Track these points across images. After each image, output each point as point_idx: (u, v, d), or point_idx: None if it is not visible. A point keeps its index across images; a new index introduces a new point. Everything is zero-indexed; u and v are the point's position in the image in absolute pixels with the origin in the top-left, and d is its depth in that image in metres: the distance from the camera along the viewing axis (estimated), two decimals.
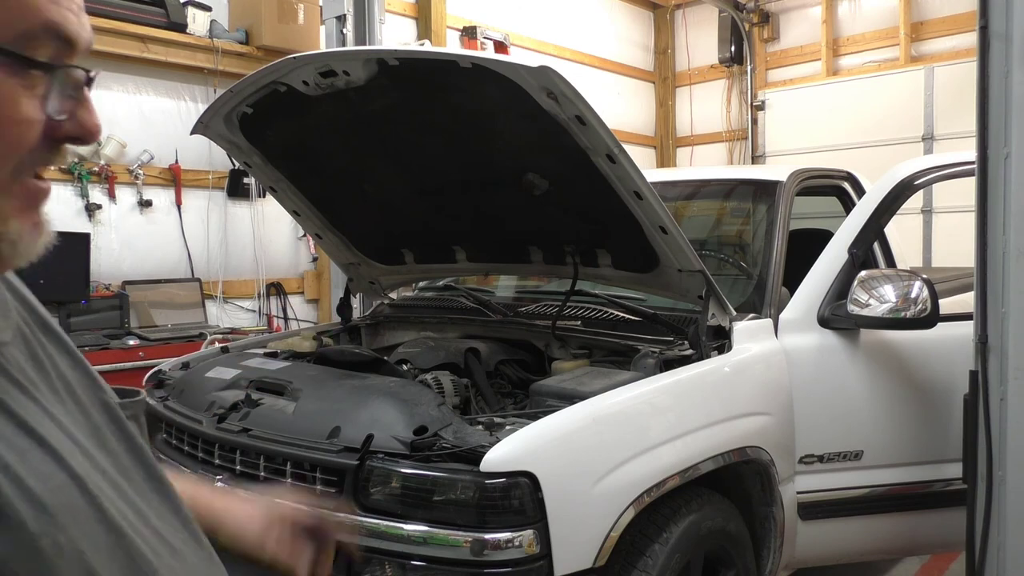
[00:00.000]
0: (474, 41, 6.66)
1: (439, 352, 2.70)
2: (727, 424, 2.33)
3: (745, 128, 8.38)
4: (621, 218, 2.36)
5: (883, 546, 2.92)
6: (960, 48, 7.06)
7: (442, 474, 1.87)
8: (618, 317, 2.73)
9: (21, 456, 0.59)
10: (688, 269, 2.44)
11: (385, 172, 2.84)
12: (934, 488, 2.78)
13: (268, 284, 5.51)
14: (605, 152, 2.17)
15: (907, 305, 2.52)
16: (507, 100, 2.16)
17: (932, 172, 3.09)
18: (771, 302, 2.68)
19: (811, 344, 2.65)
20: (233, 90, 2.62)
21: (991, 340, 2.26)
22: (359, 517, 1.91)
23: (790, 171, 3.15)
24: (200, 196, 5.15)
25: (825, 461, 2.64)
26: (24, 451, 0.59)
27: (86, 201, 4.54)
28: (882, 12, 7.64)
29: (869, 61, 7.71)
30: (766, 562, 2.51)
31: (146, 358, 3.97)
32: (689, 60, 8.83)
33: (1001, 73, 2.19)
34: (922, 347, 2.74)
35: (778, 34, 8.36)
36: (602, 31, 8.29)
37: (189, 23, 4.88)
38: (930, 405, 2.77)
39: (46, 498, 0.58)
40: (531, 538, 1.82)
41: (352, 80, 2.36)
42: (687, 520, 2.17)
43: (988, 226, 2.25)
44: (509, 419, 2.11)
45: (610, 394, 2.13)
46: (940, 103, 6.79)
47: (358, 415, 2.09)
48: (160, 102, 4.96)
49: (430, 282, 3.67)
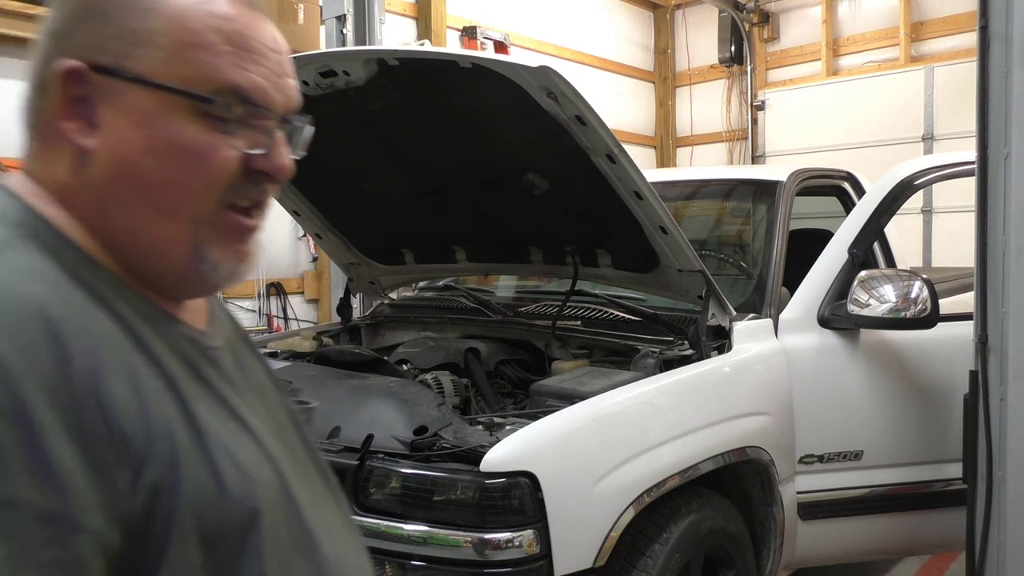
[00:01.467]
0: (474, 41, 6.65)
1: (439, 352, 2.70)
2: (727, 424, 2.33)
3: (745, 128, 8.38)
4: (621, 218, 2.36)
5: (883, 546, 2.92)
6: (960, 48, 7.05)
7: (442, 474, 1.87)
8: (618, 317, 2.73)
9: (232, 435, 0.72)
10: (688, 269, 2.44)
11: (385, 172, 2.84)
12: (934, 488, 2.78)
13: (268, 284, 5.50)
14: (605, 152, 2.17)
15: (907, 305, 2.52)
16: (507, 100, 2.16)
17: (932, 172, 3.09)
18: (771, 302, 2.68)
19: (811, 344, 2.65)
20: None
21: (991, 340, 2.26)
22: (359, 517, 1.91)
23: (790, 171, 3.15)
24: None
25: (825, 461, 2.64)
26: (234, 432, 0.72)
27: None
28: (882, 12, 7.64)
29: (869, 61, 7.71)
30: (766, 562, 2.51)
31: None
32: (689, 60, 8.83)
33: (1001, 73, 2.19)
34: (922, 347, 2.74)
35: (778, 34, 8.36)
36: (602, 31, 8.29)
37: None
38: (930, 405, 2.77)
39: (250, 471, 0.71)
40: (531, 538, 1.82)
41: (352, 80, 2.36)
42: (687, 520, 2.17)
43: (988, 226, 2.25)
44: (509, 419, 2.11)
45: (610, 394, 2.13)
46: (940, 103, 6.79)
47: (358, 415, 2.09)
48: None
49: (430, 282, 3.67)
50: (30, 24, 4.22)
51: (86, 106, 0.70)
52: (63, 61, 0.70)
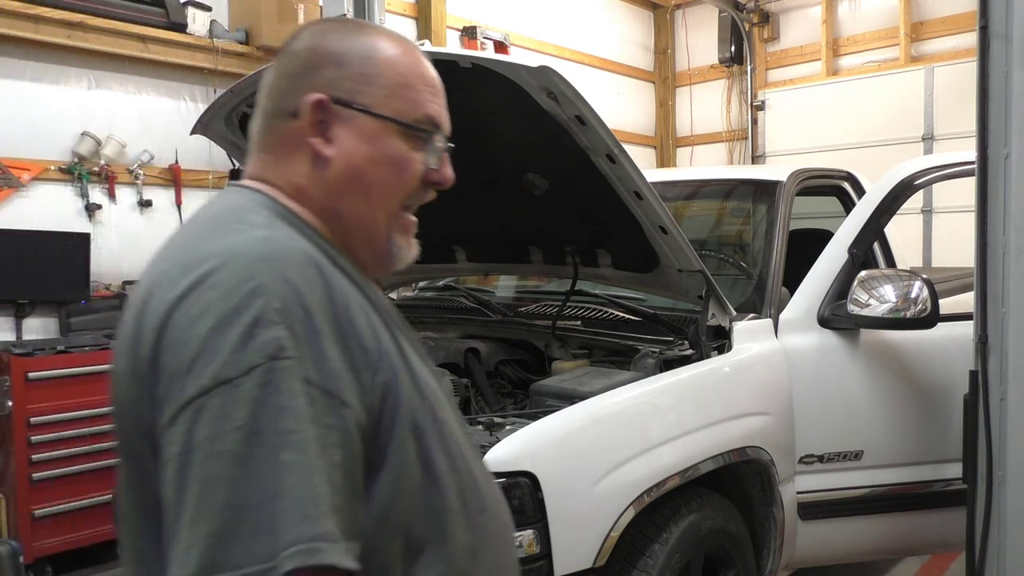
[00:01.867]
0: (474, 41, 6.65)
1: (439, 352, 2.70)
2: (727, 424, 2.33)
3: (745, 128, 8.37)
4: (621, 218, 2.36)
5: (883, 546, 2.92)
6: (960, 48, 7.05)
7: None
8: (618, 317, 2.73)
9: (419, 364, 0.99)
10: (688, 269, 2.44)
11: None
12: (934, 488, 2.78)
13: None
14: (605, 152, 2.17)
15: (907, 305, 2.52)
16: (507, 100, 2.16)
17: (932, 172, 3.09)
18: (771, 302, 2.68)
19: (811, 344, 2.65)
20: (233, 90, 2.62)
21: (991, 340, 2.26)
22: None
23: (790, 171, 3.15)
24: (200, 196, 5.14)
25: (825, 461, 2.64)
26: (417, 366, 0.97)
27: (86, 201, 4.54)
28: (882, 12, 7.64)
29: (869, 61, 7.71)
30: (766, 562, 2.51)
31: None
32: (689, 60, 8.83)
33: (1001, 73, 2.19)
34: (922, 347, 2.74)
35: (778, 34, 8.36)
36: (602, 31, 8.29)
37: (189, 23, 4.87)
38: (930, 405, 2.77)
39: (435, 389, 0.99)
40: (531, 538, 1.82)
41: None
42: (687, 520, 2.17)
43: (988, 226, 2.25)
44: (509, 419, 2.11)
45: (610, 394, 2.13)
46: (940, 103, 6.78)
47: None
48: (160, 102, 4.95)
49: (430, 282, 3.67)
50: (30, 24, 4.23)
51: (326, 127, 0.98)
52: (312, 95, 0.97)
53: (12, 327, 4.21)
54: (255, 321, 0.79)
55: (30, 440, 3.67)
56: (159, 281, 0.88)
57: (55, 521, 3.73)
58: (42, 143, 4.39)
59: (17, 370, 3.66)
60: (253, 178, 1.01)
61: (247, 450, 0.76)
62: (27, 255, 4.14)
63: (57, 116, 4.47)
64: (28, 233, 4.17)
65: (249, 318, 0.79)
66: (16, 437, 3.65)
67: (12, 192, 4.24)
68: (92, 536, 3.81)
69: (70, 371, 3.80)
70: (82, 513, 3.79)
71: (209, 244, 0.88)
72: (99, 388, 3.85)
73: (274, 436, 0.76)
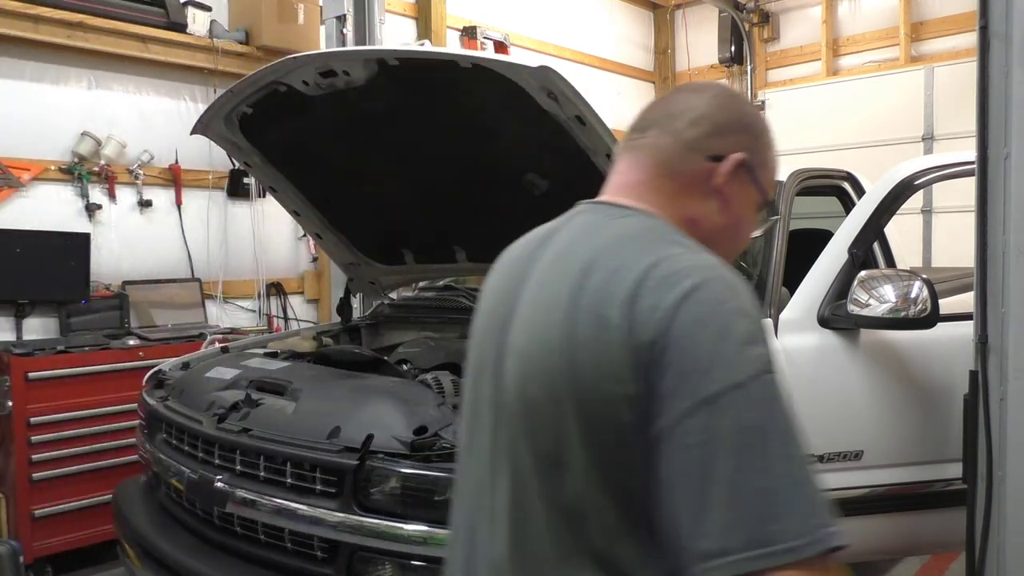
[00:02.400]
0: (474, 41, 6.65)
1: (439, 352, 2.70)
2: None
3: None
4: None
5: (883, 546, 2.92)
6: (960, 48, 7.05)
7: (442, 474, 1.87)
8: None
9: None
10: None
11: (385, 172, 2.84)
12: (934, 488, 2.78)
13: (268, 284, 5.50)
14: (605, 152, 2.17)
15: (907, 305, 2.52)
16: (507, 100, 2.16)
17: (932, 172, 3.09)
18: (771, 302, 2.68)
19: (811, 344, 2.64)
20: (233, 90, 2.63)
21: (991, 340, 2.26)
22: (359, 517, 1.91)
23: (790, 171, 3.15)
24: (200, 196, 5.14)
25: (825, 461, 2.64)
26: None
27: (86, 201, 4.54)
28: (882, 12, 7.64)
29: (869, 61, 7.71)
30: None
31: (146, 358, 3.97)
32: (689, 60, 8.83)
33: (1001, 73, 2.19)
34: (922, 347, 2.74)
35: (778, 34, 8.36)
36: (602, 31, 8.29)
37: (189, 23, 4.88)
38: (930, 405, 2.77)
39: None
40: None
41: (352, 80, 2.36)
42: None
43: (988, 226, 2.25)
44: None
45: None
46: (940, 103, 6.79)
47: (358, 415, 2.09)
48: (160, 102, 4.96)
49: (430, 282, 3.67)
50: (30, 24, 4.23)
51: (730, 182, 1.13)
52: (738, 154, 1.12)
53: (12, 327, 4.21)
54: (748, 337, 0.94)
55: (30, 440, 3.67)
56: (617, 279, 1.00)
57: (55, 521, 3.74)
58: (42, 143, 4.39)
59: (17, 370, 3.67)
60: (634, 191, 1.15)
61: (765, 445, 0.90)
62: (27, 255, 4.14)
63: (57, 116, 4.47)
64: (28, 233, 4.18)
65: (742, 333, 0.94)
66: (16, 437, 3.66)
67: (12, 192, 4.25)
68: (92, 536, 3.82)
69: (70, 371, 3.81)
70: (82, 513, 3.79)
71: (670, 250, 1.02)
72: (99, 388, 3.86)
73: (780, 435, 0.93)
